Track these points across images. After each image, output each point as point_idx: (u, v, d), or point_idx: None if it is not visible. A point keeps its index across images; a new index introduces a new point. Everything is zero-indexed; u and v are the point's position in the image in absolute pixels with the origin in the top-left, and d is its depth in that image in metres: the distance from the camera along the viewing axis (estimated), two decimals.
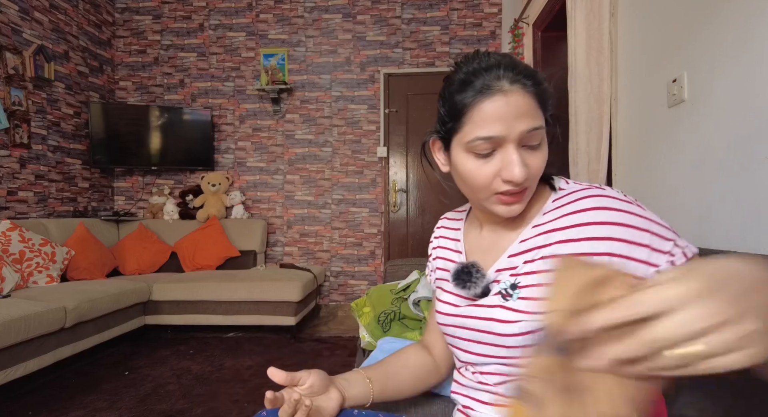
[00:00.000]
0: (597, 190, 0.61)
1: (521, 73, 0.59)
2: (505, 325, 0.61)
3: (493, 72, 0.58)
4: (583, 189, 0.62)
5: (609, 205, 0.57)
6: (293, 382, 0.66)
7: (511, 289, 0.62)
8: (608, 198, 0.58)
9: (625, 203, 0.58)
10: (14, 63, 2.92)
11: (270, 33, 3.88)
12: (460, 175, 0.65)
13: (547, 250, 0.61)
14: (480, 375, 0.68)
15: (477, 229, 0.74)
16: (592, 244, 0.57)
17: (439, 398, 0.94)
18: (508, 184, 0.59)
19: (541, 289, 0.60)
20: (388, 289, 1.54)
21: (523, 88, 0.58)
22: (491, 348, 0.64)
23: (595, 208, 0.58)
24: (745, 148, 1.08)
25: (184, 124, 3.74)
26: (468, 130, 0.60)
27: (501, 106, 0.57)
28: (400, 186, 3.82)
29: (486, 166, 0.60)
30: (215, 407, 1.95)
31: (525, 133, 0.58)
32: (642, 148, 1.58)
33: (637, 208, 0.57)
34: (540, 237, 0.62)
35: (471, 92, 0.59)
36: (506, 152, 0.59)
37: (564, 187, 0.66)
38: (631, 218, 0.56)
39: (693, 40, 1.28)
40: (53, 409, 1.94)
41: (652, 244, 0.55)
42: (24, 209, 3.04)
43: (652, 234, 0.56)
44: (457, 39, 3.78)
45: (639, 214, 0.57)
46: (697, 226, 1.27)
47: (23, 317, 2.00)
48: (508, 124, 0.57)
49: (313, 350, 2.80)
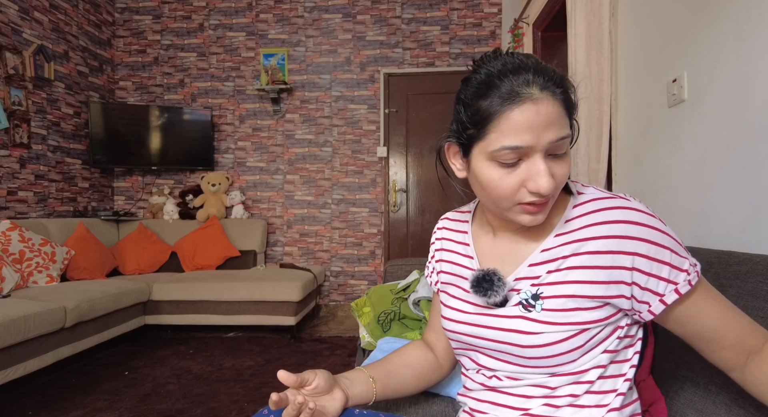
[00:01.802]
0: (622, 200, 0.60)
1: (551, 79, 0.56)
2: (528, 337, 0.60)
3: (521, 76, 0.55)
4: (608, 198, 0.61)
5: (635, 219, 0.57)
6: (302, 385, 0.65)
7: (533, 299, 0.61)
8: (634, 211, 0.58)
9: (650, 218, 0.58)
10: (14, 63, 2.92)
11: (270, 33, 3.88)
12: (481, 183, 0.61)
13: (571, 260, 0.60)
14: (496, 379, 0.67)
15: (489, 234, 0.72)
16: (614, 257, 0.57)
17: (439, 398, 0.94)
18: (535, 195, 0.57)
19: (565, 300, 0.60)
20: (388, 289, 1.54)
21: (552, 96, 0.55)
22: (509, 357, 0.64)
23: (622, 221, 0.57)
24: (745, 148, 1.08)
25: (184, 124, 3.74)
26: (493, 139, 0.56)
27: (531, 116, 0.54)
28: (400, 186, 3.82)
29: (511, 176, 0.57)
30: (215, 407, 1.95)
31: (553, 143, 0.55)
32: (642, 148, 1.58)
33: (660, 224, 0.58)
34: (564, 247, 0.61)
35: (498, 99, 0.55)
36: (533, 162, 0.56)
37: (583, 191, 0.64)
38: (656, 235, 0.56)
39: (693, 40, 1.28)
40: (53, 409, 1.94)
41: (672, 261, 0.56)
42: (24, 209, 3.04)
43: (672, 252, 0.57)
44: (457, 39, 3.78)
45: (662, 231, 0.57)
46: (697, 226, 1.27)
47: (23, 317, 2.00)
48: (537, 133, 0.54)
49: (313, 350, 2.80)
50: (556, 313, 0.60)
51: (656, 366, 0.84)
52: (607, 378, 0.62)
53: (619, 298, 0.59)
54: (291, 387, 0.65)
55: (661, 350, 0.84)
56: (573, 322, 0.59)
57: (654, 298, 0.58)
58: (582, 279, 0.59)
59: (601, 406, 0.62)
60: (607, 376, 0.62)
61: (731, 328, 0.58)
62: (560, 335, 0.59)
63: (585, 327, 0.59)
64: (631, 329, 0.64)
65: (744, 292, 0.71)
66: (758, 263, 0.72)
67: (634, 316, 0.61)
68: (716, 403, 0.69)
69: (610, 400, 0.62)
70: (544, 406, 0.62)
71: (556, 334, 0.59)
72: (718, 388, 0.69)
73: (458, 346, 0.72)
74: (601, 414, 0.61)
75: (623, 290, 0.58)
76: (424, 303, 1.41)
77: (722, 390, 0.68)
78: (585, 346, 0.60)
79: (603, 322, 0.60)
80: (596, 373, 0.61)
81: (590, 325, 0.59)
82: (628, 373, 0.64)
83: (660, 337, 0.86)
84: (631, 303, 0.59)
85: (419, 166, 3.81)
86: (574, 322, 0.59)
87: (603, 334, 0.60)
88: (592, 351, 0.61)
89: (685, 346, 0.63)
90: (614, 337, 0.61)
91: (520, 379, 0.64)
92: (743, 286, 0.72)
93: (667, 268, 0.56)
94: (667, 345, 0.84)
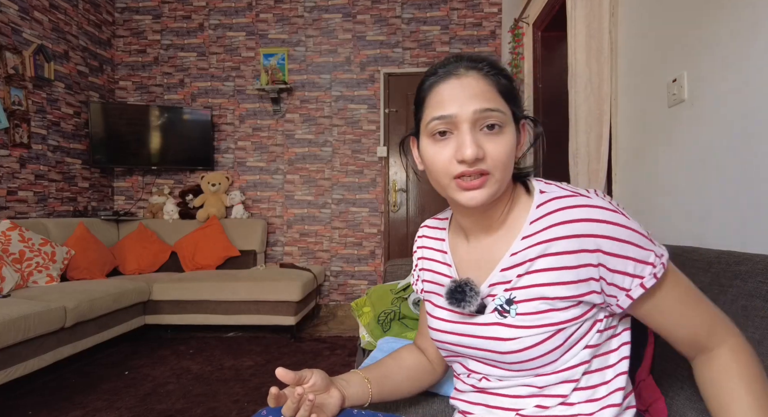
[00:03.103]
0: (583, 198, 0.59)
1: (482, 61, 0.61)
2: (505, 343, 0.61)
3: (455, 63, 0.61)
4: (569, 196, 0.60)
5: (596, 216, 0.57)
6: (300, 382, 0.67)
7: (507, 304, 0.62)
8: (595, 208, 0.58)
9: (612, 214, 0.57)
10: (14, 63, 2.92)
11: (270, 33, 3.88)
12: (426, 165, 0.65)
13: (538, 263, 0.60)
14: (486, 381, 0.67)
15: (463, 240, 0.72)
16: (579, 256, 0.58)
17: (438, 398, 0.94)
18: (462, 164, 0.58)
19: (538, 302, 0.60)
20: (387, 289, 1.54)
21: (479, 72, 0.60)
22: (494, 362, 0.65)
23: (583, 219, 0.57)
24: (745, 148, 1.08)
25: (184, 124, 3.74)
26: (427, 115, 0.62)
27: (455, 87, 0.59)
28: (400, 186, 3.82)
29: (444, 149, 0.60)
30: (215, 407, 1.95)
31: (478, 113, 0.58)
32: (642, 147, 1.58)
33: (622, 219, 0.57)
34: (530, 249, 0.61)
35: (431, 79, 0.62)
36: (460, 133, 0.59)
37: (545, 189, 0.63)
38: (618, 230, 0.56)
39: (693, 40, 1.28)
40: (53, 409, 1.94)
41: (636, 256, 0.57)
42: (24, 209, 3.04)
43: (636, 246, 0.57)
44: (457, 39, 3.78)
45: (624, 225, 0.57)
46: (697, 226, 1.27)
47: (23, 317, 2.00)
48: (460, 103, 0.58)
49: (313, 350, 2.81)
50: (530, 317, 0.60)
51: (656, 366, 0.84)
52: (593, 373, 0.62)
53: (590, 295, 0.59)
54: (289, 384, 0.66)
55: (661, 350, 0.84)
56: (548, 323, 0.59)
57: (621, 292, 0.58)
58: (551, 281, 0.59)
59: (594, 400, 0.61)
60: (593, 371, 0.62)
61: (688, 326, 0.59)
62: (537, 338, 0.59)
63: (561, 327, 0.59)
64: (612, 320, 0.63)
65: (744, 292, 0.71)
66: (758, 263, 0.72)
67: (608, 309, 0.61)
68: None
69: (602, 394, 0.62)
70: (537, 408, 0.62)
71: (532, 337, 0.59)
72: None
73: (447, 353, 0.73)
74: (595, 409, 0.61)
75: (593, 286, 0.58)
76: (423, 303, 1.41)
77: None
78: (564, 345, 0.60)
79: (579, 320, 0.60)
80: (581, 370, 0.61)
81: (566, 325, 0.59)
82: (619, 365, 0.63)
83: (660, 337, 0.85)
84: (602, 297, 0.59)
85: None
86: (548, 323, 0.59)
87: (581, 330, 0.60)
88: (573, 348, 0.61)
89: None
90: (594, 331, 0.61)
91: (508, 380, 0.64)
92: (743, 286, 0.72)
93: (631, 263, 0.57)
94: (667, 345, 0.84)
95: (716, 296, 0.76)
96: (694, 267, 0.85)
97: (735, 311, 0.71)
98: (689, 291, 0.60)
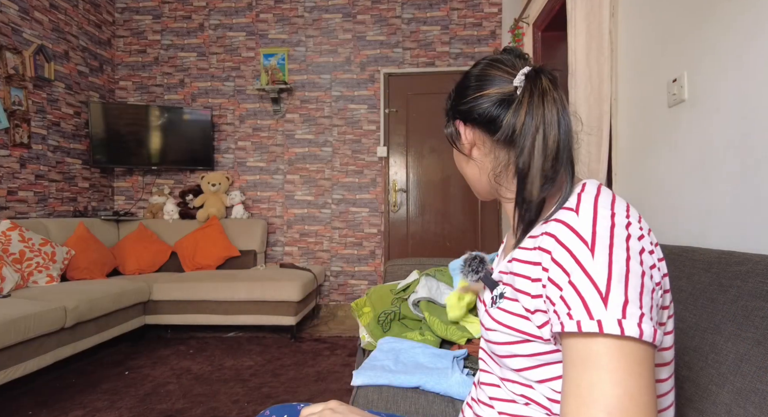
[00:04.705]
0: (573, 218, 0.52)
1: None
2: (487, 333, 0.63)
3: None
4: (569, 209, 0.54)
5: (565, 240, 0.51)
6: None
7: (499, 297, 0.62)
8: (571, 232, 0.51)
9: (583, 247, 0.49)
10: (14, 63, 2.92)
11: (270, 33, 3.88)
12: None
13: (513, 265, 0.60)
14: (481, 373, 0.69)
15: None
16: (534, 269, 0.54)
17: (439, 398, 0.94)
18: None
19: (512, 303, 0.58)
20: (388, 289, 1.54)
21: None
22: (483, 351, 0.67)
23: (554, 236, 0.52)
24: (745, 148, 1.08)
25: (184, 124, 3.74)
26: None
27: None
28: (400, 186, 3.81)
29: None
30: (215, 407, 1.95)
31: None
32: (642, 147, 1.58)
33: (585, 253, 0.49)
34: (529, 251, 0.59)
35: None
36: None
37: (572, 201, 0.55)
38: (575, 266, 0.49)
39: (693, 40, 1.28)
40: (53, 409, 1.94)
41: (543, 287, 0.52)
42: (24, 209, 3.04)
43: (554, 284, 0.50)
44: (457, 39, 3.78)
45: (586, 265, 0.48)
46: (697, 226, 1.27)
47: (23, 317, 2.00)
48: None
49: (313, 350, 2.81)
50: (504, 314, 0.59)
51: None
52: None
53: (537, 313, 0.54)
54: None
55: None
56: (517, 328, 0.56)
57: (555, 316, 0.50)
58: (521, 288, 0.57)
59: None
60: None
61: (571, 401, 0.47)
62: (507, 338, 0.58)
63: (528, 338, 0.55)
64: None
65: (744, 292, 0.71)
66: (758, 263, 0.72)
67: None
68: (716, 403, 0.69)
69: None
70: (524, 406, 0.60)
71: (504, 335, 0.58)
72: (718, 388, 0.69)
73: None
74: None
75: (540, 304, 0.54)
76: (423, 303, 1.41)
77: (722, 390, 0.68)
78: (534, 358, 0.55)
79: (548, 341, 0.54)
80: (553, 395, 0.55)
81: (533, 339, 0.55)
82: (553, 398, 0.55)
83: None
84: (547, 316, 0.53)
85: (419, 166, 3.81)
86: (518, 328, 0.56)
87: (558, 355, 0.54)
88: (550, 366, 0.55)
89: (685, 345, 0.63)
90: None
91: (494, 376, 0.65)
92: (743, 286, 0.72)
93: (539, 286, 0.53)
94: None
95: (716, 296, 0.76)
96: (694, 267, 0.85)
97: (735, 311, 0.71)
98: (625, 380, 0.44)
